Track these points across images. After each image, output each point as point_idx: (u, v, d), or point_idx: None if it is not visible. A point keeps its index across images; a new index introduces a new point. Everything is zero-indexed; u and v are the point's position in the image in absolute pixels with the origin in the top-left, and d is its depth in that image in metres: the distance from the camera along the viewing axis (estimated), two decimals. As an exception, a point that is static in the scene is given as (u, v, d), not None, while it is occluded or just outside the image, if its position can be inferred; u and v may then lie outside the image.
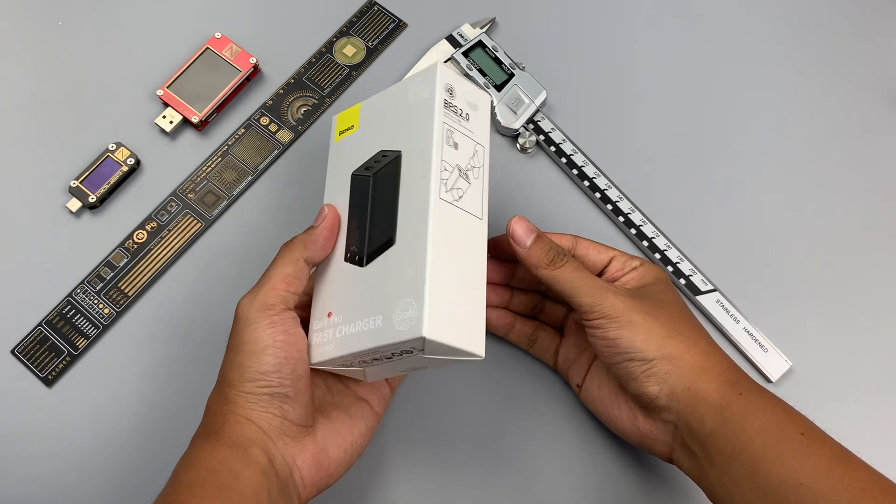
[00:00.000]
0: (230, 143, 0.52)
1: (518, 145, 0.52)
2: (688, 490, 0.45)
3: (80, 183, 0.49)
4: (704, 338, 0.40)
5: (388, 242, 0.38)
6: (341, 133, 0.44)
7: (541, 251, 0.40)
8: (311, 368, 0.38)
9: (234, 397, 0.37)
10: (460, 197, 0.38)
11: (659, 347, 0.38)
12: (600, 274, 0.43)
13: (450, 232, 0.37)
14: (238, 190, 0.51)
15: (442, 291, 0.35)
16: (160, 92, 0.51)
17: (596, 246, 0.43)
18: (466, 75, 0.53)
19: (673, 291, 0.42)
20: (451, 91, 0.40)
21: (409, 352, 0.36)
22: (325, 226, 0.39)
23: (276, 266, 0.38)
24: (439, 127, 0.38)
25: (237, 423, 0.36)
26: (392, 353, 0.36)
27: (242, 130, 0.52)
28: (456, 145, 0.39)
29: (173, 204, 0.50)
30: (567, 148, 0.51)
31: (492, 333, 0.47)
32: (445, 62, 0.53)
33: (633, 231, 0.50)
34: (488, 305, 0.46)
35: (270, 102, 0.53)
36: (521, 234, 0.40)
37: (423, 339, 0.34)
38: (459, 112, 0.40)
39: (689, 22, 0.56)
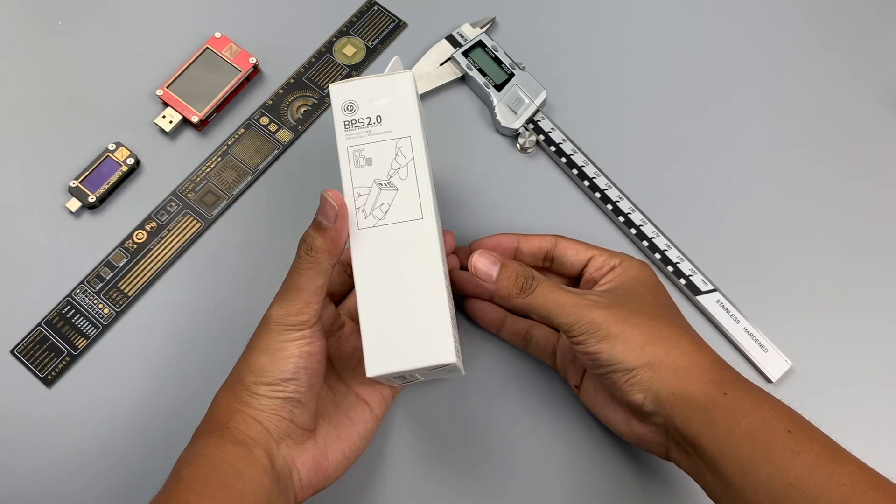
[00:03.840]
0: (230, 142, 0.52)
1: (518, 145, 0.52)
2: (687, 488, 0.45)
3: (80, 183, 0.49)
4: (687, 337, 0.39)
5: None
6: None
7: (508, 282, 0.39)
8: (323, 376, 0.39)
9: (245, 398, 0.37)
10: (386, 212, 0.37)
11: (638, 356, 0.37)
12: (580, 274, 0.43)
13: (380, 255, 0.37)
14: (238, 190, 0.51)
15: (382, 322, 0.36)
16: (160, 92, 0.51)
17: (575, 246, 0.42)
18: (466, 75, 0.53)
19: (655, 289, 0.41)
20: (351, 106, 0.38)
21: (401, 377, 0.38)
22: (340, 225, 0.37)
23: (308, 279, 0.37)
24: (344, 154, 0.38)
25: (244, 422, 0.36)
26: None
27: (242, 130, 0.52)
28: (370, 160, 0.38)
29: (173, 204, 0.50)
30: (567, 148, 0.51)
31: (488, 333, 0.47)
32: (445, 62, 0.53)
33: (634, 231, 0.50)
34: (477, 297, 0.46)
35: (270, 102, 0.53)
36: (484, 269, 0.39)
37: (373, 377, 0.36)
38: (367, 122, 0.38)
39: (689, 22, 0.56)
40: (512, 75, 0.52)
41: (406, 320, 0.36)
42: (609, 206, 0.50)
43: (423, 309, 0.36)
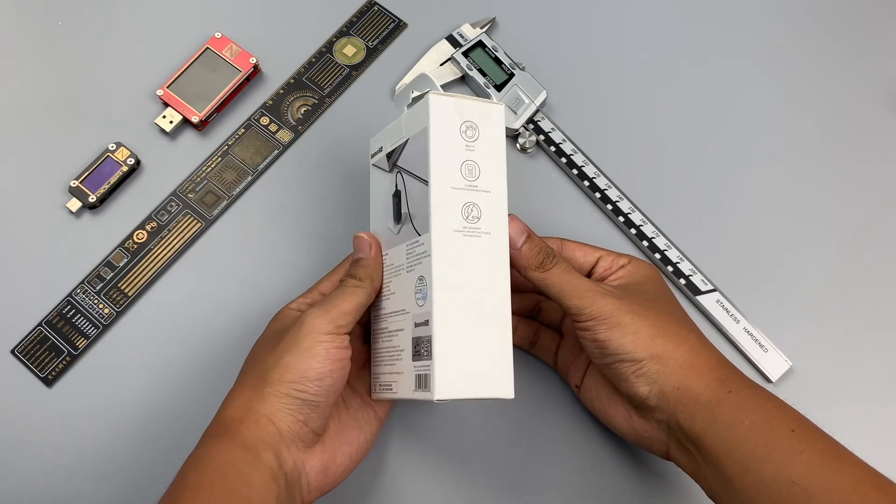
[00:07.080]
0: (230, 143, 0.52)
1: (518, 145, 0.52)
2: (686, 489, 0.45)
3: (80, 183, 0.49)
4: (694, 334, 0.39)
5: None
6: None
7: (531, 253, 0.40)
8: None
9: (266, 394, 0.37)
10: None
11: (647, 347, 0.38)
12: (588, 275, 0.43)
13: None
14: (238, 190, 0.51)
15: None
16: (160, 92, 0.51)
17: (582, 248, 0.43)
18: (466, 75, 0.53)
19: (662, 288, 0.42)
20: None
21: None
22: (376, 254, 0.41)
23: (353, 295, 0.39)
24: None
25: (256, 423, 0.36)
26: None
27: (242, 130, 0.52)
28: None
29: (173, 204, 0.50)
30: (567, 148, 0.51)
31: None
32: (445, 63, 0.53)
33: (633, 231, 0.50)
34: None
35: (270, 102, 0.53)
36: (513, 234, 0.40)
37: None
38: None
39: (689, 23, 0.56)
40: (512, 75, 0.52)
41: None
42: (609, 206, 0.50)
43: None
